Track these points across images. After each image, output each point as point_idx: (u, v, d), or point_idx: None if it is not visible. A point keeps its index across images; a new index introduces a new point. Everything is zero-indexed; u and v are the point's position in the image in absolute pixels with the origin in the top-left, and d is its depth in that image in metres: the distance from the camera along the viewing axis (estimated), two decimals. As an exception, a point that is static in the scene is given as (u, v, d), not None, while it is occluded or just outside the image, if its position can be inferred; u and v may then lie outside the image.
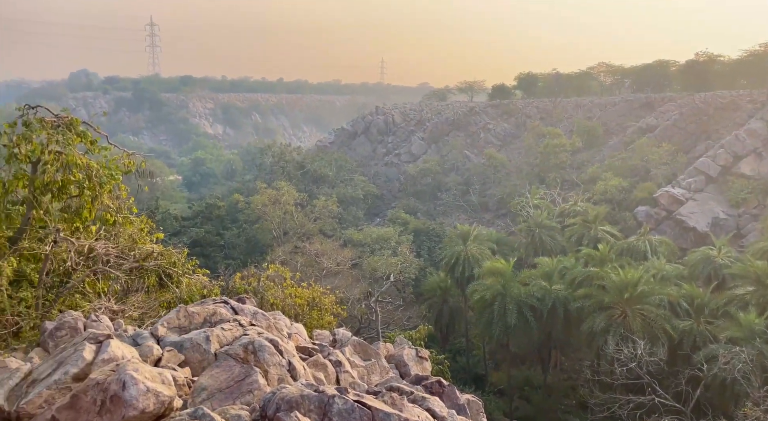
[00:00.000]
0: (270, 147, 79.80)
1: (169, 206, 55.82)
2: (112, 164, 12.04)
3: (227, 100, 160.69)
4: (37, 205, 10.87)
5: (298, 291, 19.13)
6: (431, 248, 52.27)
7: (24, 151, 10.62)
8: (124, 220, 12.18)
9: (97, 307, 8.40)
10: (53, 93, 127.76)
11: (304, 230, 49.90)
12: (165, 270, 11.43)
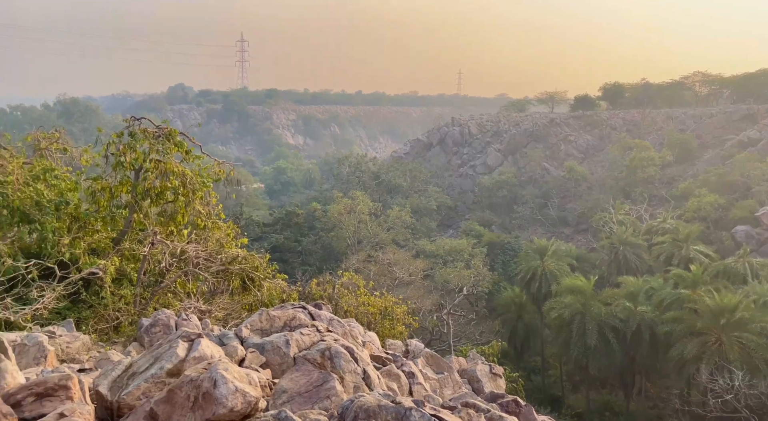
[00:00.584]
0: (347, 157, 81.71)
1: (252, 213, 58.57)
2: (204, 172, 12.85)
3: (308, 112, 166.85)
4: (138, 209, 11.80)
5: (371, 300, 19.30)
6: (506, 261, 50.98)
7: (129, 160, 11.59)
8: (213, 225, 12.93)
9: (186, 306, 8.95)
10: (153, 105, 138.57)
11: (378, 240, 50.45)
12: (248, 274, 11.98)
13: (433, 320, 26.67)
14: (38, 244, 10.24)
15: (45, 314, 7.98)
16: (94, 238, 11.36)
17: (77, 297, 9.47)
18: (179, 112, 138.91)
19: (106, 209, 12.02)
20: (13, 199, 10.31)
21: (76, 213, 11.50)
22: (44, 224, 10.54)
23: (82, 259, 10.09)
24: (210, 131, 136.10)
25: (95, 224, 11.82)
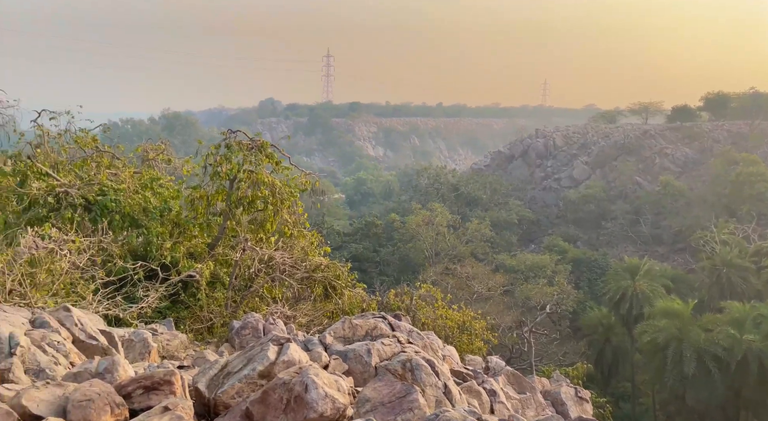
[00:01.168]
0: (426, 169, 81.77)
1: (333, 222, 60.14)
2: (292, 183, 13.42)
3: (389, 124, 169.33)
4: (232, 217, 12.53)
5: (449, 313, 19.07)
6: (592, 280, 48.42)
7: (225, 170, 12.36)
8: (298, 233, 13.43)
9: (273, 311, 9.34)
10: (245, 119, 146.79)
11: (456, 252, 49.87)
12: (330, 282, 12.29)
13: (513, 337, 25.86)
14: (144, 247, 11.13)
15: (149, 313, 8.64)
16: (192, 243, 12.17)
17: (176, 298, 10.18)
18: (268, 125, 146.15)
19: (203, 216, 12.88)
20: (124, 206, 11.31)
21: (177, 219, 12.41)
22: (150, 228, 11.46)
23: (182, 262, 10.84)
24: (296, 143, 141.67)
25: (193, 230, 12.68)
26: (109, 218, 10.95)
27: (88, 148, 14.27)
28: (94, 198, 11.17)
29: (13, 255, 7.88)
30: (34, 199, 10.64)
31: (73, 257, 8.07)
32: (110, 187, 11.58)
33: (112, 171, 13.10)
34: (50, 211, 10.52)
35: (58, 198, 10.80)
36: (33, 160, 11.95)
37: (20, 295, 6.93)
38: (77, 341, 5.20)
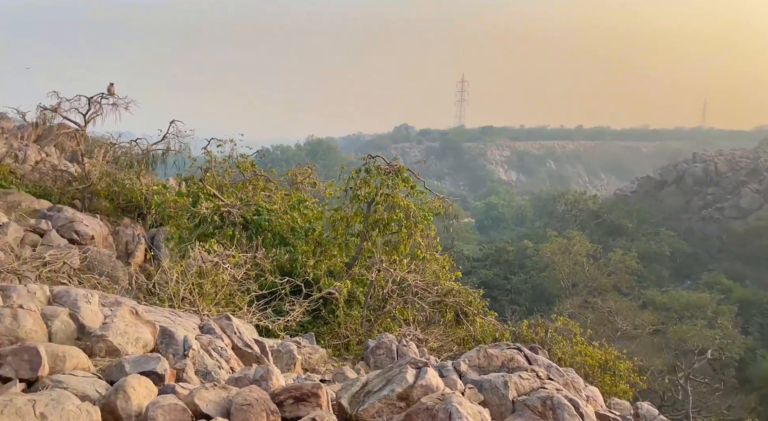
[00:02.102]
0: (563, 195, 77.66)
1: (462, 247, 59.57)
2: (425, 207, 13.64)
3: (523, 147, 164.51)
4: (368, 238, 13.05)
5: (589, 350, 17.63)
6: (764, 325, 41.66)
7: (363, 193, 12.97)
8: (430, 256, 13.53)
9: (406, 333, 9.44)
10: (380, 144, 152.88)
11: (596, 284, 46.29)
12: (462, 308, 12.14)
13: (664, 382, 23.12)
14: (290, 264, 12.01)
15: (293, 326, 9.27)
16: (332, 262, 12.87)
17: (317, 313, 10.79)
18: (401, 149, 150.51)
19: (342, 237, 13.59)
20: (275, 225, 12.36)
21: (320, 239, 13.24)
22: (296, 247, 12.36)
23: (323, 280, 11.49)
24: (427, 167, 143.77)
25: (333, 249, 13.43)
26: (262, 236, 12.02)
27: (246, 172, 15.94)
28: (250, 217, 12.37)
29: (186, 266, 9.00)
30: (203, 218, 12.08)
31: (233, 270, 8.97)
32: (264, 208, 12.75)
33: (267, 193, 14.45)
34: (215, 228, 11.87)
35: (222, 217, 12.15)
36: (203, 183, 13.63)
37: (190, 302, 7.86)
38: (235, 347, 5.72)
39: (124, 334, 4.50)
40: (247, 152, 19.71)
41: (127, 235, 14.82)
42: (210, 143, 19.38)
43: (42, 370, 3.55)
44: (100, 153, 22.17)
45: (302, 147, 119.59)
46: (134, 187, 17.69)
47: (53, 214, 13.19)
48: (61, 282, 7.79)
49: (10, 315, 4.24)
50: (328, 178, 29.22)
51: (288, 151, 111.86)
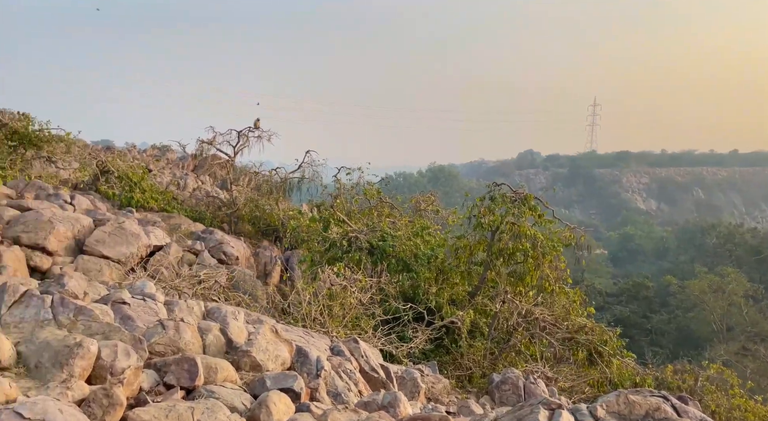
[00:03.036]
0: (714, 227, 69.33)
1: (594, 280, 55.54)
2: (554, 236, 12.99)
3: (665, 174, 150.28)
4: (492, 267, 12.72)
5: (750, 405, 15.31)
6: None
7: (487, 221, 12.73)
8: (559, 290, 12.78)
9: (533, 369, 8.96)
10: (504, 170, 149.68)
11: (757, 330, 40.20)
12: (596, 347, 11.25)
13: None
14: (413, 290, 12.10)
15: (416, 353, 9.28)
16: (454, 290, 12.73)
17: (440, 342, 10.69)
18: (526, 176, 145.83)
19: (465, 265, 13.41)
20: (399, 251, 12.59)
21: (442, 266, 13.19)
22: (419, 273, 12.45)
23: (445, 308, 11.40)
24: (553, 194, 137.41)
25: (455, 277, 13.29)
26: (387, 262, 12.31)
27: (373, 199, 16.55)
28: (376, 243, 12.75)
29: (317, 288, 9.50)
30: (333, 242, 12.71)
31: (359, 294, 9.28)
32: (389, 234, 13.07)
33: (391, 219, 14.83)
34: (344, 252, 12.40)
35: (350, 242, 12.67)
36: (333, 209, 14.40)
37: (321, 323, 8.25)
38: (363, 371, 5.87)
39: (266, 351, 4.85)
40: (373, 180, 20.54)
41: (266, 256, 16.06)
42: (340, 171, 20.52)
43: (198, 380, 3.94)
44: (245, 181, 24.53)
45: (424, 174, 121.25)
46: (273, 212, 19.21)
47: (206, 236, 14.77)
48: (212, 299, 8.65)
49: (173, 327, 4.79)
50: (449, 205, 29.25)
51: (410, 178, 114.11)
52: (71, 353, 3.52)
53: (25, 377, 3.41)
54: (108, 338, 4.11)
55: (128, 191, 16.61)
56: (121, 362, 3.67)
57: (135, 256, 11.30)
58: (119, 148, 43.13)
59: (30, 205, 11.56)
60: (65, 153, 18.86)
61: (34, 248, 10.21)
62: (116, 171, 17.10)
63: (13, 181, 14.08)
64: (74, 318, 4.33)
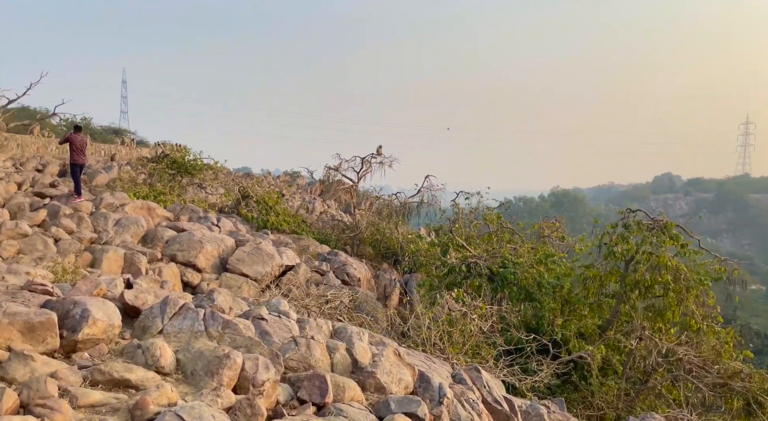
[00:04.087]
0: None
1: (750, 319, 48.70)
2: (700, 269, 11.67)
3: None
4: (626, 300, 11.74)
5: None
6: None
7: (620, 250, 11.82)
8: (708, 328, 11.42)
9: (678, 416, 8.03)
10: (637, 195, 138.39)
11: None
12: (755, 396, 9.78)
13: None
14: (536, 320, 11.57)
15: (541, 387, 8.81)
16: (582, 322, 11.93)
17: (567, 378, 10.04)
18: (663, 201, 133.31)
19: (594, 296, 12.54)
20: (521, 279, 12.15)
21: (568, 297, 12.47)
22: (543, 303, 11.88)
23: (572, 341, 10.72)
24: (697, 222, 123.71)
25: (583, 309, 12.46)
26: (508, 289, 11.93)
27: (492, 225, 16.22)
28: (496, 269, 12.44)
29: (436, 313, 9.47)
30: (452, 267, 12.64)
31: (480, 321, 9.09)
32: (510, 261, 12.69)
33: (512, 245, 14.40)
34: (463, 278, 12.27)
35: (469, 267, 12.52)
36: (453, 233, 14.36)
37: (440, 349, 8.20)
38: (485, 401, 5.71)
39: (390, 373, 4.93)
40: (492, 204, 20.16)
41: (386, 279, 16.41)
42: (458, 196, 20.46)
43: (328, 397, 4.11)
44: (366, 205, 25.48)
45: (546, 198, 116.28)
46: (393, 235, 19.66)
47: (331, 257, 15.52)
48: (338, 318, 9.03)
49: (305, 344, 5.07)
50: (574, 231, 27.61)
51: (531, 202, 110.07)
52: (221, 363, 3.88)
53: (182, 383, 3.82)
54: (250, 351, 4.47)
55: (264, 214, 18.07)
56: (262, 375, 3.96)
57: (269, 274, 12.20)
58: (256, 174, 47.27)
59: (184, 227, 13.06)
60: (213, 180, 21.11)
61: (186, 265, 11.48)
62: (255, 196, 18.73)
63: (172, 205, 16.04)
64: (222, 331, 4.77)
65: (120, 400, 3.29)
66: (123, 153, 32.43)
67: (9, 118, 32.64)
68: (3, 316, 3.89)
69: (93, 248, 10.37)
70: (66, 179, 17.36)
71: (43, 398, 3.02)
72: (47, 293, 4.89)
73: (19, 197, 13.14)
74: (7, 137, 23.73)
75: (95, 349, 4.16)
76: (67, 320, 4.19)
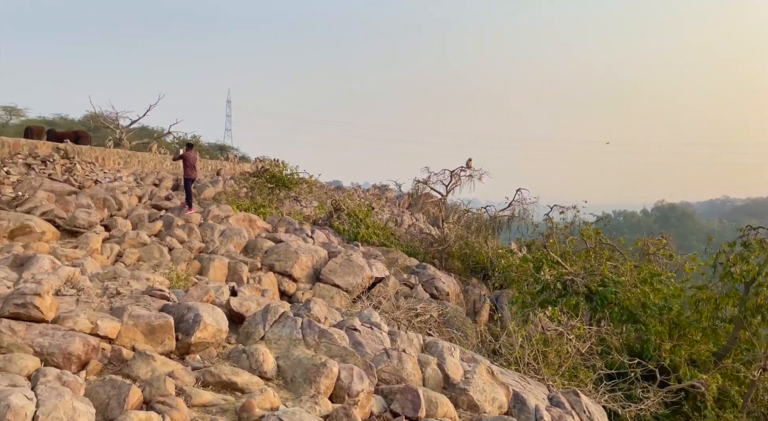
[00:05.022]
0: None
1: None
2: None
3: None
4: (746, 326, 10.59)
5: None
6: None
7: (739, 271, 10.72)
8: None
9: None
10: (756, 210, 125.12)
11: None
12: None
13: None
14: (641, 344, 10.76)
15: (647, 416, 8.16)
16: (694, 348, 10.92)
17: (677, 408, 9.23)
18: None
19: (709, 321, 11.44)
20: (623, 299, 11.39)
21: (678, 320, 11.47)
22: (648, 325, 11.04)
23: (682, 368, 9.84)
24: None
25: (695, 334, 11.42)
26: (609, 309, 11.23)
27: (590, 241, 15.38)
28: (595, 288, 11.77)
29: (529, 332, 9.13)
30: (546, 284, 12.14)
31: (577, 342, 8.62)
32: (611, 279, 11.95)
33: (612, 263, 13.55)
34: (558, 296, 11.73)
35: (565, 285, 11.95)
36: (547, 249, 13.80)
37: (534, 369, 7.87)
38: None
39: (483, 392, 4.82)
40: (590, 219, 19.12)
41: (475, 294, 16.11)
42: (552, 210, 19.65)
43: (421, 412, 4.11)
44: (454, 218, 25.26)
45: (650, 213, 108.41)
46: (482, 250, 19.29)
47: (419, 271, 15.53)
48: (428, 333, 9.00)
49: (396, 357, 5.11)
50: (683, 249, 25.42)
51: (633, 217, 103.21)
52: (318, 371, 4.02)
53: (283, 389, 4.00)
54: (345, 360, 4.58)
55: (355, 227, 18.52)
56: (356, 385, 4.04)
57: (360, 286, 12.45)
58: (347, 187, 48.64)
59: (281, 238, 13.73)
60: (308, 193, 22.03)
61: (283, 275, 12.03)
62: (346, 209, 19.27)
63: (270, 217, 16.95)
64: (318, 340, 4.94)
65: (228, 401, 3.51)
66: (227, 168, 34.85)
67: (131, 137, 36.38)
68: (129, 318, 4.31)
69: (201, 257, 11.19)
70: (179, 192, 18.97)
71: (163, 395, 3.29)
72: (164, 298, 5.35)
73: (140, 209, 14.53)
74: (130, 155, 26.42)
75: (205, 352, 4.47)
76: (181, 323, 4.56)
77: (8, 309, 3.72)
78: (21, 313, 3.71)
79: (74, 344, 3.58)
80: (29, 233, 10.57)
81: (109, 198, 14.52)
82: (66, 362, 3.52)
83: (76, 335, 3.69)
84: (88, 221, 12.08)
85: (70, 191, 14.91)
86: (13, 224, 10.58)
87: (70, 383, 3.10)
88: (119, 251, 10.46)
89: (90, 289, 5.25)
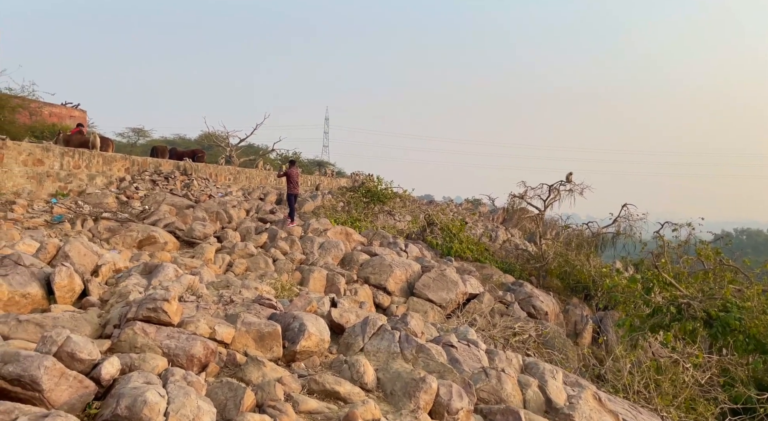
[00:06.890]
0: None
1: None
2: None
3: None
4: None
5: None
6: None
7: None
8: None
9: None
10: None
11: None
12: None
13: None
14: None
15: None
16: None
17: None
18: None
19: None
20: (750, 326, 10.24)
21: (818, 353, 10.08)
22: (780, 357, 9.81)
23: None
24: None
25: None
26: (732, 337, 10.15)
27: (708, 261, 14.03)
28: (715, 313, 10.69)
29: (638, 357, 8.49)
30: (658, 307, 11.24)
31: (695, 372, 7.88)
32: (734, 304, 10.80)
33: (735, 286, 12.26)
34: (672, 320, 10.81)
35: (679, 308, 10.99)
36: (658, 269, 12.79)
37: (645, 398, 7.30)
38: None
39: (590, 419, 4.57)
40: (707, 238, 17.44)
41: (576, 315, 15.29)
42: (663, 227, 18.22)
43: (522, 434, 3.97)
44: (552, 234, 24.24)
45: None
46: (583, 268, 18.31)
47: (516, 288, 15.07)
48: (526, 353, 8.69)
49: (495, 376, 5.00)
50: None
51: (758, 236, 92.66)
52: (417, 386, 4.05)
53: (383, 401, 4.07)
54: (443, 377, 4.56)
55: (449, 241, 18.42)
56: (456, 403, 4.01)
57: (453, 301, 12.33)
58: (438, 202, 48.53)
59: (376, 251, 14.00)
60: (401, 207, 22.32)
61: (378, 288, 12.25)
62: (439, 223, 19.24)
63: (366, 230, 17.37)
64: (416, 354, 4.97)
65: (332, 410, 3.64)
66: (325, 183, 36.30)
67: (240, 155, 39.16)
68: (242, 324, 4.63)
69: (302, 268, 11.72)
70: (281, 206, 20.05)
71: (273, 400, 3.49)
72: (272, 306, 5.68)
73: (247, 222, 15.56)
74: (239, 171, 28.43)
75: (309, 360, 4.68)
76: (287, 332, 4.81)
77: (142, 313, 4.15)
78: (152, 316, 4.13)
79: (196, 347, 3.91)
80: (154, 243, 11.72)
81: (221, 211, 15.71)
82: (189, 363, 3.85)
83: (198, 338, 4.03)
84: (203, 232, 13.14)
85: (188, 205, 16.33)
86: (141, 234, 11.80)
87: (194, 383, 3.39)
88: (230, 260, 11.25)
89: (207, 296, 5.71)
